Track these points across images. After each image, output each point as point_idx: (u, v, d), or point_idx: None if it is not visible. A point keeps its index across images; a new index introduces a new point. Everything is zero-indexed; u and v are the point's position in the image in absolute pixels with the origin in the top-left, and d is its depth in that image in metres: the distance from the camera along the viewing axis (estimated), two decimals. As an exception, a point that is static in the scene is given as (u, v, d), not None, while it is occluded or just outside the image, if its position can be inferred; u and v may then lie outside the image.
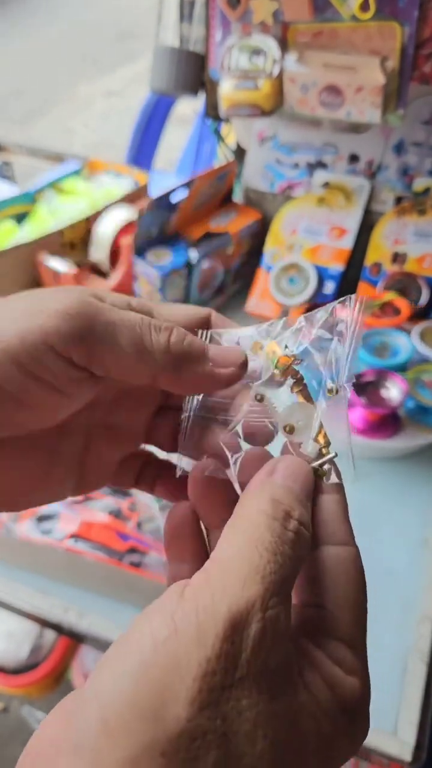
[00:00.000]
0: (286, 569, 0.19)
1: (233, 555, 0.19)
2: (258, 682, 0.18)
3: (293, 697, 0.18)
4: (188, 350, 0.24)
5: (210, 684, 0.17)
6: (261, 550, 0.19)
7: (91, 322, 0.22)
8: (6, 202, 0.88)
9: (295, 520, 0.21)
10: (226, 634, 0.18)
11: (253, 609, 0.18)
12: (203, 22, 0.77)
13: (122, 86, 3.71)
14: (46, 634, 1.04)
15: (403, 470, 0.68)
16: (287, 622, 0.19)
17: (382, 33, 0.66)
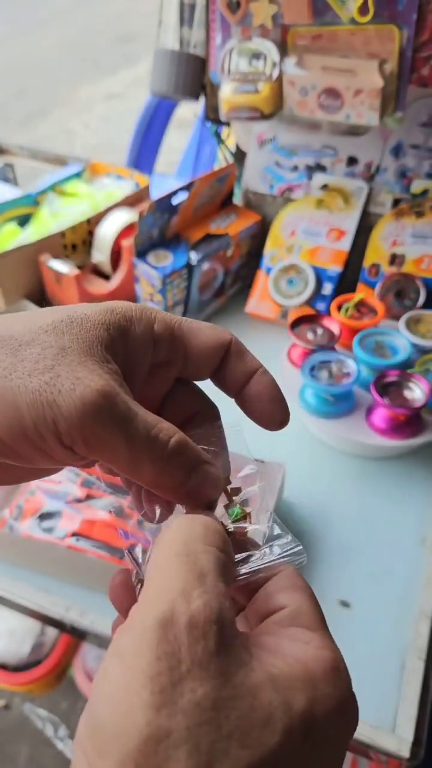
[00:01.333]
0: (203, 562, 0.20)
1: (152, 569, 0.21)
2: (206, 669, 0.18)
3: (248, 674, 0.19)
4: (177, 480, 0.24)
5: (159, 685, 0.18)
6: (173, 555, 0.21)
7: (99, 430, 0.22)
8: (8, 204, 0.89)
9: (200, 519, 0.22)
10: (159, 636, 0.18)
11: (176, 606, 0.19)
12: (203, 26, 0.78)
13: (123, 89, 3.72)
14: (48, 632, 1.05)
15: (401, 470, 0.68)
16: (219, 607, 0.19)
17: (381, 36, 0.67)
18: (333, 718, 0.20)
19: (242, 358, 0.28)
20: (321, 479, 0.68)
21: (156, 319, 0.26)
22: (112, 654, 0.19)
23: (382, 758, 0.49)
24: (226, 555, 0.22)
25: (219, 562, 0.21)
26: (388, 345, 0.71)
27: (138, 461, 0.23)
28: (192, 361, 0.27)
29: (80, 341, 0.23)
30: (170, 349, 0.26)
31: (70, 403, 0.21)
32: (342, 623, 0.55)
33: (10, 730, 1.15)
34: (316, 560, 0.60)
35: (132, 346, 0.25)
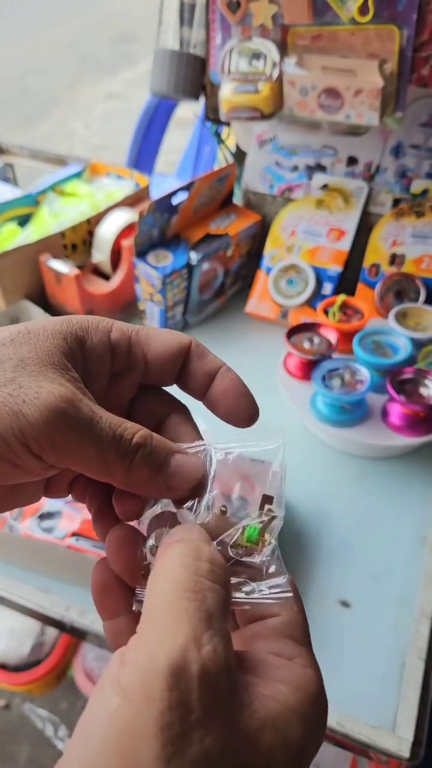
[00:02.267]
0: (210, 601, 0.20)
1: (157, 604, 0.20)
2: (215, 717, 0.18)
3: (251, 719, 0.19)
4: (148, 474, 0.24)
5: (170, 736, 0.18)
6: (181, 591, 0.20)
7: (66, 434, 0.22)
8: (8, 204, 0.89)
9: (207, 552, 0.22)
10: (170, 684, 0.18)
11: (188, 652, 0.19)
12: (203, 26, 0.78)
13: (123, 89, 3.72)
14: (48, 632, 1.05)
15: (401, 469, 0.68)
16: (227, 651, 0.19)
17: (381, 36, 0.67)
18: (318, 738, 0.21)
19: (203, 358, 0.27)
20: (321, 479, 0.68)
21: (112, 328, 0.26)
22: (115, 688, 0.19)
23: (382, 758, 0.49)
24: (228, 592, 0.22)
25: (223, 600, 0.21)
26: (386, 344, 0.71)
27: (107, 461, 0.23)
28: (152, 367, 0.27)
29: (39, 351, 0.23)
30: (129, 357, 0.26)
31: (35, 411, 0.21)
32: (342, 623, 0.55)
33: (10, 730, 1.15)
34: (316, 560, 0.60)
35: (89, 355, 0.25)
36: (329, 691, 0.48)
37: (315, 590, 0.58)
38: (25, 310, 0.84)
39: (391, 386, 0.65)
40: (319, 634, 0.55)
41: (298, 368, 0.73)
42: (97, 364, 0.25)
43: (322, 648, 0.54)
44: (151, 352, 0.27)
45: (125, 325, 0.27)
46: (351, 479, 0.68)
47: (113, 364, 0.26)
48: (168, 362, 0.27)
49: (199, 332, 0.87)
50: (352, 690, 0.51)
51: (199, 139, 1.45)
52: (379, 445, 0.66)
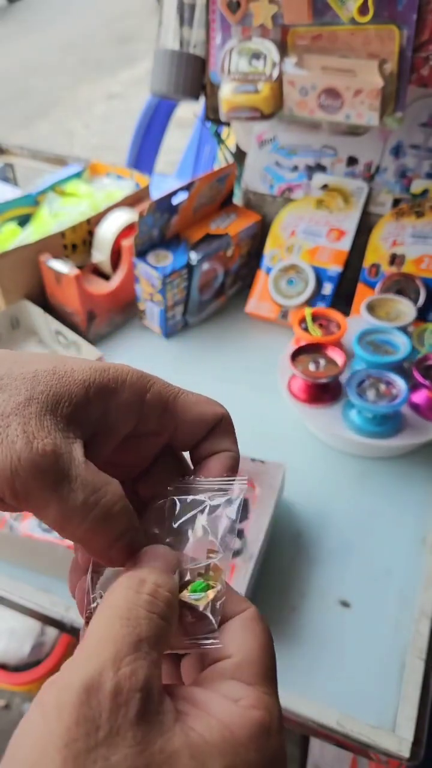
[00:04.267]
0: (143, 629, 0.20)
1: (91, 630, 0.21)
2: (124, 736, 0.18)
3: (166, 743, 0.19)
4: (104, 544, 0.24)
5: (74, 751, 0.18)
6: (114, 619, 0.21)
7: (28, 487, 0.22)
8: (8, 204, 0.89)
9: (151, 584, 0.22)
10: (81, 699, 0.18)
11: (104, 671, 0.19)
12: (203, 26, 0.78)
13: (123, 89, 3.72)
14: (48, 632, 1.05)
15: (401, 470, 0.68)
16: (148, 675, 0.19)
17: (381, 36, 0.67)
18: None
19: (224, 437, 0.27)
20: (321, 479, 0.68)
21: (150, 388, 0.25)
22: (37, 705, 0.19)
23: (382, 758, 0.49)
24: (167, 623, 0.21)
25: (158, 630, 0.21)
26: (383, 342, 0.71)
27: (67, 522, 0.22)
28: (180, 434, 0.27)
29: (51, 393, 0.23)
30: (160, 421, 0.26)
31: (6, 457, 0.21)
32: (342, 623, 0.55)
33: (10, 730, 1.14)
34: (316, 560, 0.60)
35: (113, 410, 0.24)
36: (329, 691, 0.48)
37: (315, 590, 0.58)
38: (25, 310, 0.84)
39: (419, 373, 0.66)
40: (319, 634, 0.55)
41: (303, 391, 0.70)
42: (117, 420, 0.25)
43: (322, 648, 0.54)
44: (186, 421, 0.26)
45: (165, 388, 0.26)
46: (351, 479, 0.68)
47: (142, 425, 0.26)
48: (197, 432, 0.27)
49: (199, 332, 0.87)
50: (352, 690, 0.51)
51: (199, 139, 1.45)
52: (380, 445, 0.66)
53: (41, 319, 0.82)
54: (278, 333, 0.84)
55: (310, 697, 0.50)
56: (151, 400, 0.25)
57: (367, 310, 0.74)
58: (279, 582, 0.58)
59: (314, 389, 0.70)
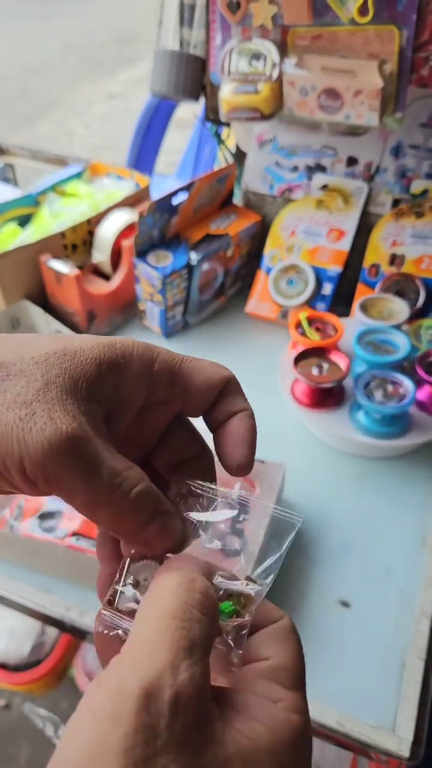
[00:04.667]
0: (195, 632, 0.20)
1: (142, 630, 0.20)
2: (181, 745, 0.18)
3: (219, 750, 0.19)
4: (133, 528, 0.24)
5: (133, 758, 0.18)
6: (167, 618, 0.20)
7: (61, 472, 0.22)
8: (8, 205, 0.89)
9: (201, 583, 0.22)
10: (140, 706, 0.18)
11: (163, 677, 0.19)
12: (203, 26, 0.78)
13: (123, 89, 3.72)
14: (48, 632, 1.05)
15: (401, 470, 0.68)
16: (202, 682, 0.19)
17: (381, 37, 0.67)
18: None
19: (233, 397, 0.27)
20: (321, 479, 0.68)
21: (157, 358, 0.25)
22: (86, 710, 0.19)
23: (382, 758, 0.49)
24: (215, 627, 0.22)
25: (209, 634, 0.21)
26: (383, 342, 0.71)
27: (96, 506, 0.23)
28: (190, 401, 0.27)
29: (66, 377, 0.23)
30: (169, 390, 0.26)
31: (37, 443, 0.21)
32: (342, 623, 0.56)
33: (10, 730, 1.15)
34: (316, 560, 0.60)
35: (125, 384, 0.24)
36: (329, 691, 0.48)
37: (315, 590, 0.58)
38: (26, 310, 0.84)
39: (422, 369, 0.66)
40: (319, 633, 0.55)
41: (305, 395, 0.70)
42: (130, 393, 0.25)
43: (322, 648, 0.54)
44: (194, 386, 0.26)
45: (170, 356, 0.26)
46: (351, 479, 0.68)
47: (151, 395, 0.26)
48: (207, 397, 0.27)
49: (199, 332, 0.87)
50: (352, 690, 0.51)
51: (199, 139, 1.45)
52: (380, 445, 0.67)
53: (41, 319, 0.82)
54: (278, 333, 0.84)
55: (310, 697, 0.50)
56: (158, 370, 0.25)
57: (360, 310, 0.74)
58: (279, 582, 0.58)
59: (318, 393, 0.69)
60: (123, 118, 3.29)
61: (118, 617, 0.23)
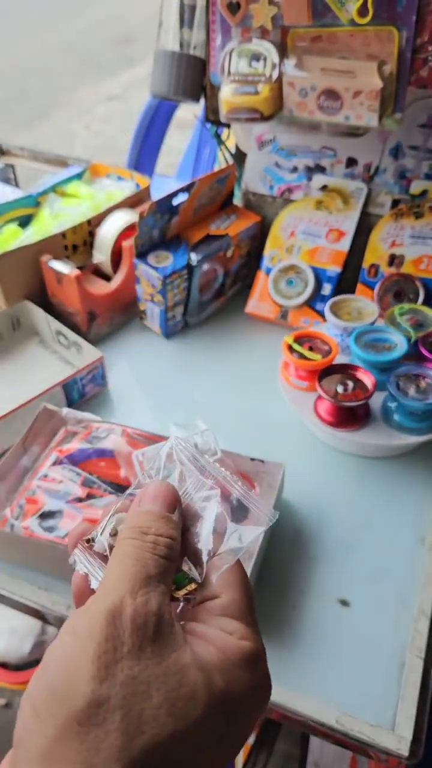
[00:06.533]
0: (150, 568, 0.25)
1: (109, 571, 0.26)
2: (143, 651, 0.23)
3: (179, 657, 0.23)
4: None
5: (104, 662, 0.22)
6: (125, 559, 0.26)
7: None
8: (9, 205, 0.89)
9: (151, 534, 0.27)
10: (108, 621, 0.23)
11: (124, 601, 0.24)
12: (203, 27, 0.78)
13: (123, 90, 3.73)
14: (49, 631, 1.05)
15: (401, 469, 0.69)
16: (159, 603, 0.24)
17: (380, 37, 0.67)
18: (245, 698, 0.24)
19: None
20: (321, 479, 0.68)
21: None
22: (68, 630, 0.24)
23: (382, 757, 0.49)
24: (170, 560, 0.26)
25: (163, 568, 0.26)
26: (376, 340, 0.71)
27: None
28: None
29: None
30: None
31: None
32: (341, 622, 0.56)
33: (10, 729, 1.14)
34: (315, 559, 0.60)
35: None
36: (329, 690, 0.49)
37: (314, 589, 0.58)
38: (27, 311, 0.84)
39: (425, 348, 0.67)
40: (318, 632, 0.55)
41: (328, 413, 0.68)
42: None
43: (322, 647, 0.54)
44: None
45: None
46: (351, 479, 0.68)
47: None
48: None
49: (199, 332, 0.88)
50: (351, 689, 0.51)
51: (199, 140, 1.45)
52: (379, 445, 0.67)
53: (42, 320, 0.83)
54: (278, 333, 0.84)
55: (309, 696, 0.51)
56: None
57: (333, 315, 0.73)
58: (278, 581, 0.58)
59: (343, 412, 0.67)
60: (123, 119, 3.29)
61: (91, 558, 0.28)
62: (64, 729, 0.21)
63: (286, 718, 0.51)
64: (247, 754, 0.94)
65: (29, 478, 0.62)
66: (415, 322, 0.73)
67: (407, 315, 0.73)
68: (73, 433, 0.66)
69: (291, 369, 0.72)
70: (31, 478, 0.62)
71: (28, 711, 0.23)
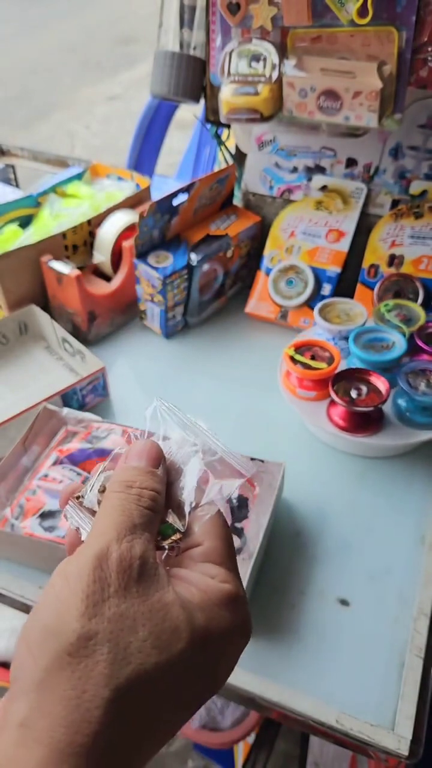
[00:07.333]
0: (134, 518, 0.27)
1: (96, 522, 0.28)
2: (129, 590, 0.25)
3: (162, 596, 0.25)
4: None
5: (92, 601, 0.24)
6: (111, 510, 0.27)
7: None
8: (9, 206, 0.89)
9: (136, 487, 0.28)
10: (95, 565, 0.25)
11: (111, 546, 0.26)
12: (203, 28, 0.78)
13: (123, 90, 3.73)
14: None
15: (401, 469, 0.69)
16: (143, 548, 0.26)
17: (380, 38, 0.67)
18: (225, 634, 0.26)
19: None
20: (321, 478, 0.68)
21: None
22: (59, 575, 0.26)
23: (382, 756, 0.49)
24: (154, 512, 0.28)
25: (147, 518, 0.27)
26: (374, 340, 0.71)
27: None
28: None
29: None
30: None
31: None
32: (341, 622, 0.56)
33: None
34: (315, 559, 0.60)
35: None
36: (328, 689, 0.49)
37: (314, 588, 0.58)
38: (33, 316, 0.84)
39: (421, 340, 0.68)
40: (318, 632, 0.55)
41: (342, 417, 0.67)
42: None
43: (322, 646, 0.54)
44: None
45: None
46: (351, 479, 0.68)
47: None
48: None
49: (199, 332, 0.88)
50: (351, 688, 0.51)
51: (199, 140, 1.46)
52: (379, 445, 0.67)
53: (49, 326, 0.82)
54: (278, 333, 0.85)
55: (309, 695, 0.51)
56: None
57: (323, 320, 0.73)
58: (278, 580, 0.59)
59: (356, 417, 0.67)
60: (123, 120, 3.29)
61: (81, 513, 0.30)
62: (56, 661, 0.23)
63: (286, 717, 0.51)
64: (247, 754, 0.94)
65: (29, 478, 0.62)
66: (403, 317, 0.74)
67: (394, 311, 0.74)
68: (73, 433, 0.66)
69: (293, 379, 0.71)
70: (32, 478, 0.62)
71: (22, 650, 0.24)
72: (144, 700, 0.23)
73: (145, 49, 4.00)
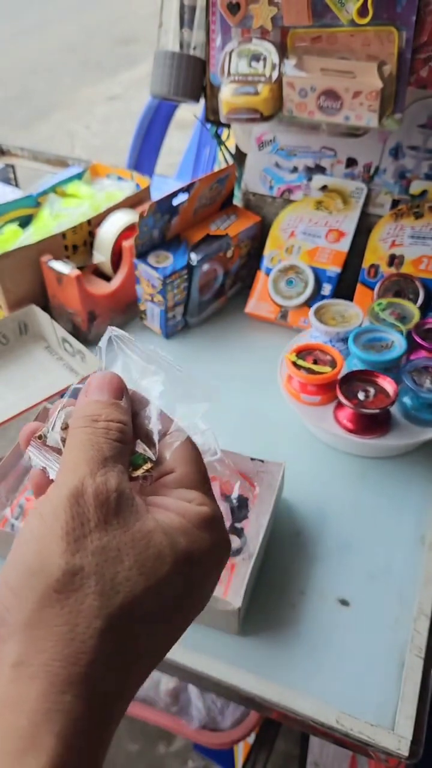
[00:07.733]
0: (104, 451, 0.27)
1: (65, 458, 0.27)
2: (109, 523, 0.25)
3: (143, 525, 0.25)
4: None
5: (73, 537, 0.24)
6: (80, 445, 0.27)
7: None
8: (9, 205, 0.89)
9: (102, 420, 0.28)
10: (71, 501, 0.25)
11: (85, 481, 0.25)
12: (203, 28, 0.78)
13: (124, 90, 3.73)
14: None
15: (401, 469, 0.69)
16: (118, 480, 0.26)
17: (380, 38, 0.67)
18: (207, 554, 0.26)
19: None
20: (321, 479, 0.68)
21: None
22: (34, 515, 0.25)
23: (382, 756, 0.49)
24: (123, 443, 0.28)
25: (117, 450, 0.27)
26: (373, 340, 0.71)
27: None
28: None
29: None
30: None
31: None
32: (341, 622, 0.56)
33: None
34: (315, 559, 0.60)
35: None
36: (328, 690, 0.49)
37: (314, 588, 0.58)
38: (33, 316, 0.84)
39: (418, 336, 0.68)
40: (318, 632, 0.55)
41: (349, 420, 0.67)
42: None
43: (322, 646, 0.54)
44: None
45: None
46: (351, 479, 0.68)
47: None
48: None
49: (199, 332, 0.88)
50: (351, 688, 0.51)
51: (199, 140, 1.45)
52: (385, 445, 0.67)
53: (49, 326, 0.82)
54: (278, 333, 0.85)
55: (309, 695, 0.51)
56: None
57: (319, 322, 0.73)
58: (278, 580, 0.59)
59: (365, 419, 0.66)
60: (123, 120, 3.29)
61: (45, 452, 0.29)
62: (43, 599, 0.23)
63: (286, 717, 0.51)
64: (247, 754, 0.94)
65: (29, 478, 0.62)
66: (398, 315, 0.74)
67: (388, 310, 0.74)
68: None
69: (296, 384, 0.71)
70: (32, 478, 0.62)
71: (5, 593, 0.24)
72: (136, 625, 0.24)
73: (145, 49, 4.00)
